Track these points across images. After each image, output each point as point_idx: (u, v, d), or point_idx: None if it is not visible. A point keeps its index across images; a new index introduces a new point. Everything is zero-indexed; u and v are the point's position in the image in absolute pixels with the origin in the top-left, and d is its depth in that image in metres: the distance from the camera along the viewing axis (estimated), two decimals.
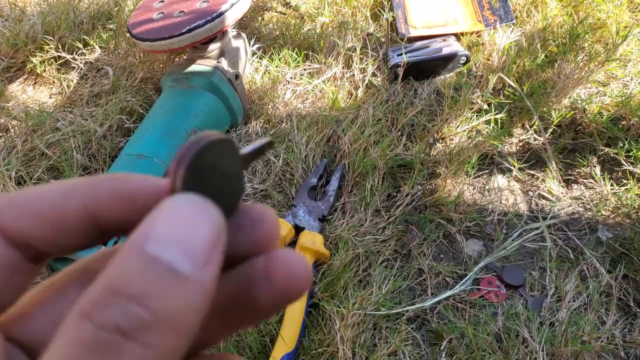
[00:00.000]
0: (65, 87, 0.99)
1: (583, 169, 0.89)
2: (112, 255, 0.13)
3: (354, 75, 0.99)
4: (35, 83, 1.03)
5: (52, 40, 1.01)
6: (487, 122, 0.91)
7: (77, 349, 0.11)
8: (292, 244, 0.79)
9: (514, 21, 1.04)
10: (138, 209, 0.15)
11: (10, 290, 0.16)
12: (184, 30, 0.81)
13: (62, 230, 0.15)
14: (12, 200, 0.15)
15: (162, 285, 0.13)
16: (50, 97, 1.01)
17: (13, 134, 0.90)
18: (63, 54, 1.00)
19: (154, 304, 0.12)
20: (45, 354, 0.12)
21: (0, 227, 0.15)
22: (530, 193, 0.88)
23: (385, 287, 0.73)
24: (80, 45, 1.02)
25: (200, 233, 0.14)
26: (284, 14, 1.08)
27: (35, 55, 1.01)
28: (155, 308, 0.12)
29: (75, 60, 1.01)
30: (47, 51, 1.01)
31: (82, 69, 1.02)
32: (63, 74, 1.01)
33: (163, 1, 0.90)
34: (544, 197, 0.87)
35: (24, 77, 1.04)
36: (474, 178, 0.88)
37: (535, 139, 0.92)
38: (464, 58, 0.97)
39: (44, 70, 1.01)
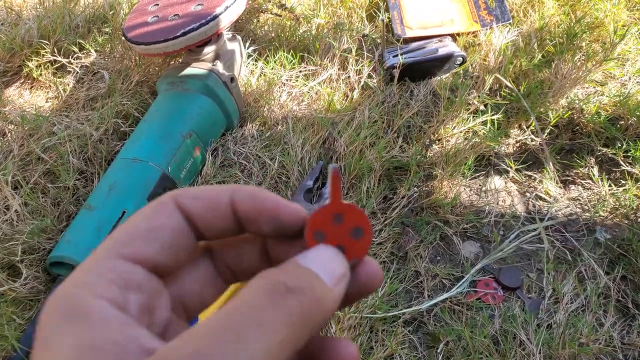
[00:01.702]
0: (62, 91, 0.99)
1: (581, 169, 0.89)
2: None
3: (349, 77, 0.98)
4: (31, 87, 1.03)
5: (48, 44, 1.01)
6: (484, 123, 0.91)
7: (259, 293, 0.18)
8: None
9: (511, 21, 1.04)
10: (264, 213, 0.22)
11: (177, 254, 0.21)
12: (178, 34, 0.81)
13: (216, 214, 0.22)
14: (188, 189, 0.22)
15: (311, 277, 0.20)
16: (46, 101, 1.01)
17: (10, 139, 0.90)
18: (59, 58, 1.00)
19: (306, 284, 0.19)
20: (239, 294, 0.18)
21: (179, 203, 0.22)
22: (528, 194, 0.87)
23: (382, 289, 0.73)
24: (76, 49, 1.02)
25: (337, 268, 0.21)
26: (280, 15, 1.08)
27: (32, 60, 1.01)
28: (306, 286, 0.19)
29: (71, 64, 1.01)
30: (43, 55, 1.00)
31: (78, 72, 1.02)
32: (59, 77, 1.01)
33: (158, 4, 0.90)
34: (541, 198, 0.86)
35: (21, 81, 1.04)
36: (470, 179, 0.88)
37: (532, 140, 0.92)
38: (460, 59, 0.97)
39: (40, 75, 1.01)
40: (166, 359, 0.17)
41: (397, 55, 0.96)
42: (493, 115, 0.90)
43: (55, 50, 1.01)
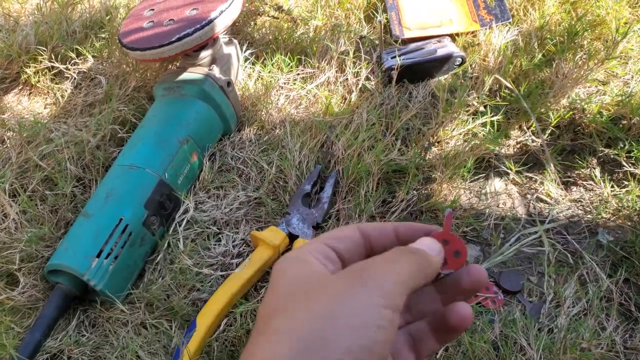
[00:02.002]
0: (59, 97, 0.99)
1: (582, 170, 0.88)
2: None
3: (347, 79, 0.98)
4: (30, 94, 1.03)
5: (45, 50, 1.01)
6: (484, 125, 0.90)
7: (395, 252, 0.33)
8: (286, 252, 0.78)
9: (511, 20, 1.03)
10: (416, 234, 0.37)
11: (352, 254, 0.35)
12: (173, 39, 0.81)
13: (384, 235, 0.36)
14: (367, 224, 0.38)
15: (422, 249, 0.34)
16: (45, 108, 1.01)
17: (8, 146, 0.90)
18: (57, 64, 1.00)
19: (420, 251, 0.34)
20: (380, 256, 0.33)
21: (360, 228, 0.36)
22: (528, 196, 0.86)
23: None
24: (74, 55, 1.02)
25: (435, 247, 0.35)
26: (277, 18, 1.07)
27: (29, 66, 1.01)
28: (420, 251, 0.34)
29: (69, 70, 1.01)
30: (41, 61, 1.00)
31: (75, 78, 1.01)
32: (57, 84, 1.01)
33: (153, 10, 0.90)
34: (542, 200, 0.85)
35: (19, 88, 1.04)
36: (470, 182, 0.87)
37: (533, 141, 0.91)
38: (460, 59, 0.96)
39: (38, 81, 1.01)
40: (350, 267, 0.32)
41: (395, 57, 0.95)
42: (493, 116, 0.89)
43: (53, 57, 1.01)
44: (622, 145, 0.87)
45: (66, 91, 1.00)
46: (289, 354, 0.26)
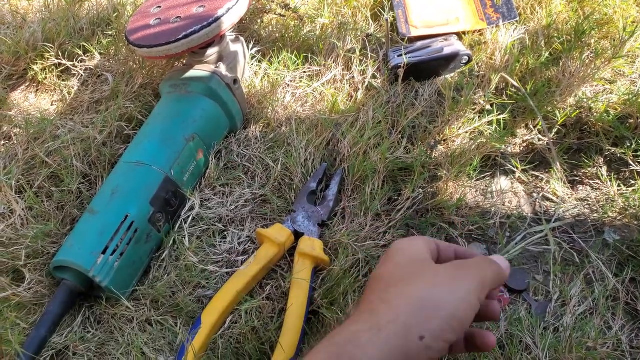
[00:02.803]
0: (66, 94, 0.99)
1: (589, 169, 0.88)
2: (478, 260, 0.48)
3: (353, 77, 0.98)
4: (37, 90, 1.04)
5: (52, 47, 1.01)
6: (490, 123, 0.90)
7: (482, 259, 0.48)
8: (292, 249, 0.78)
9: (518, 18, 1.02)
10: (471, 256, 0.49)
11: (436, 257, 0.49)
12: (180, 37, 0.81)
13: (449, 253, 0.49)
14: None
15: (498, 269, 0.47)
16: (51, 105, 1.01)
17: (15, 142, 0.90)
18: (63, 61, 1.00)
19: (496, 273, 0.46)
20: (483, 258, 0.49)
21: (436, 242, 0.51)
22: (534, 195, 0.86)
23: None
24: (80, 52, 1.02)
25: (505, 263, 0.48)
26: (283, 16, 1.07)
27: (36, 63, 1.01)
28: (497, 263, 0.48)
29: (76, 67, 1.01)
30: (48, 58, 1.01)
31: (82, 75, 1.02)
32: (64, 81, 1.02)
33: (160, 7, 0.90)
34: (548, 199, 0.85)
35: (26, 84, 1.04)
36: (476, 180, 0.87)
37: (539, 140, 0.91)
38: (466, 58, 0.96)
39: (45, 78, 1.01)
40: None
41: (401, 55, 0.95)
42: (499, 115, 0.89)
43: (60, 54, 1.01)
44: (629, 144, 0.87)
45: (73, 88, 1.00)
46: (408, 310, 0.39)
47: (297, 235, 0.79)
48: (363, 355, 0.37)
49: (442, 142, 0.90)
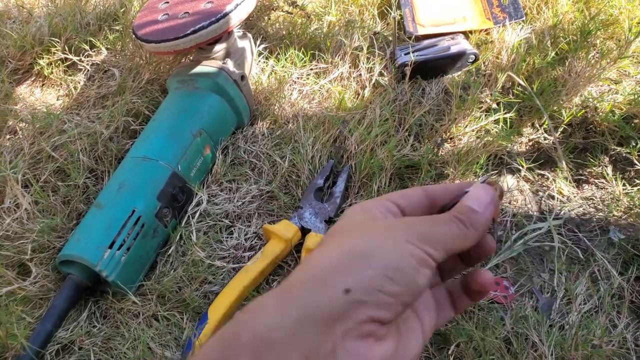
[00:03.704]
0: (72, 89, 0.99)
1: (594, 168, 0.88)
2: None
3: (360, 74, 0.98)
4: (42, 85, 1.04)
5: (59, 42, 1.01)
6: (496, 122, 0.90)
7: (446, 217, 0.35)
8: (298, 246, 0.78)
9: (524, 18, 1.02)
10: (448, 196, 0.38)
11: (415, 210, 0.39)
12: (188, 32, 0.81)
13: (447, 194, 0.38)
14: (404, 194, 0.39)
15: (473, 214, 0.35)
16: (57, 99, 1.01)
17: (21, 137, 0.90)
18: (70, 56, 1.00)
19: (471, 220, 0.35)
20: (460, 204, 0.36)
21: (425, 188, 0.39)
22: (540, 193, 0.86)
23: None
24: (87, 47, 1.02)
25: (484, 196, 0.36)
26: (291, 13, 1.07)
27: (43, 57, 1.01)
28: (471, 222, 0.34)
29: (82, 62, 1.01)
30: (54, 53, 1.01)
31: (88, 70, 1.02)
32: (70, 75, 1.02)
33: (168, 2, 0.90)
34: (553, 198, 0.85)
35: (32, 79, 1.04)
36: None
37: (545, 139, 0.91)
38: (473, 56, 0.96)
39: (51, 72, 1.01)
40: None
41: (408, 53, 0.95)
42: (505, 113, 0.89)
43: (66, 48, 1.01)
44: (634, 144, 0.87)
45: (79, 83, 1.00)
46: (338, 259, 0.32)
47: (304, 231, 0.79)
48: (257, 321, 0.29)
49: (449, 140, 0.90)
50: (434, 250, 0.33)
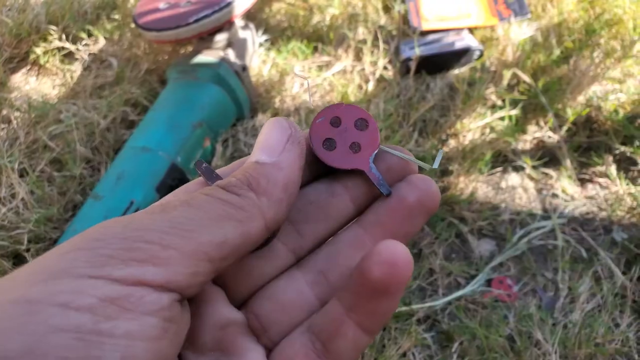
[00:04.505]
0: (69, 78, 0.97)
1: (598, 167, 0.87)
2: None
3: (364, 68, 0.97)
4: (38, 74, 1.01)
5: (55, 30, 0.99)
6: (501, 119, 0.89)
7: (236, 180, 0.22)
8: None
9: (529, 15, 1.02)
10: None
11: None
12: (190, 21, 0.80)
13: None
14: None
15: (258, 170, 0.22)
16: (53, 88, 0.99)
17: (16, 126, 0.88)
18: (67, 45, 0.98)
19: (258, 181, 0.22)
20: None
21: None
22: (544, 192, 0.85)
23: None
24: (85, 36, 1.00)
25: (274, 137, 0.23)
26: (293, 4, 1.06)
27: (39, 46, 0.99)
28: (258, 183, 0.21)
29: (79, 51, 0.99)
30: (51, 42, 0.99)
31: (85, 60, 1.00)
32: (66, 64, 1.00)
33: None
34: (557, 196, 0.85)
35: (27, 67, 1.02)
36: (487, 176, 0.86)
37: (549, 137, 0.90)
38: (478, 52, 0.95)
39: (47, 61, 0.99)
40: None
41: (413, 48, 0.94)
42: (511, 110, 0.88)
43: (63, 37, 0.99)
44: (638, 144, 0.87)
45: (76, 72, 0.98)
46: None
47: None
48: None
49: (454, 136, 0.89)
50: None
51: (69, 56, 1.01)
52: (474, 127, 0.88)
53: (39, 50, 0.99)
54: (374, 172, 0.24)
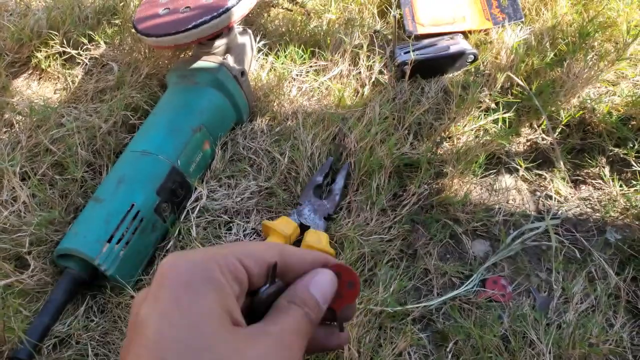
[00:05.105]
0: (70, 83, 0.99)
1: (592, 169, 0.88)
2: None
3: (360, 72, 0.98)
4: (40, 78, 1.03)
5: (57, 35, 1.00)
6: (495, 121, 0.90)
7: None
8: (298, 242, 0.78)
9: (523, 19, 1.03)
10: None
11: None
12: (189, 26, 0.81)
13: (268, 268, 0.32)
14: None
15: (312, 302, 0.32)
16: (54, 93, 1.01)
17: (17, 130, 0.90)
18: (68, 49, 0.99)
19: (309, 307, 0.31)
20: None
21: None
22: (538, 193, 0.87)
23: (391, 287, 0.72)
24: (85, 41, 1.01)
25: (328, 289, 0.33)
26: (290, 10, 1.07)
27: (40, 51, 1.01)
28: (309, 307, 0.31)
29: (80, 55, 1.00)
30: (52, 46, 1.00)
31: (86, 64, 1.01)
32: (68, 69, 1.01)
33: None
34: (551, 198, 0.86)
35: (29, 72, 1.03)
36: (481, 178, 0.87)
37: (543, 139, 0.92)
38: (472, 56, 0.96)
39: (49, 66, 1.01)
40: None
41: (408, 52, 0.95)
42: (504, 113, 0.89)
43: (65, 42, 1.00)
44: (631, 145, 0.88)
45: (77, 77, 1.00)
46: None
47: (303, 228, 0.79)
48: None
49: (448, 139, 0.91)
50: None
51: (70, 61, 1.02)
52: (468, 130, 0.89)
53: (40, 55, 1.00)
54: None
